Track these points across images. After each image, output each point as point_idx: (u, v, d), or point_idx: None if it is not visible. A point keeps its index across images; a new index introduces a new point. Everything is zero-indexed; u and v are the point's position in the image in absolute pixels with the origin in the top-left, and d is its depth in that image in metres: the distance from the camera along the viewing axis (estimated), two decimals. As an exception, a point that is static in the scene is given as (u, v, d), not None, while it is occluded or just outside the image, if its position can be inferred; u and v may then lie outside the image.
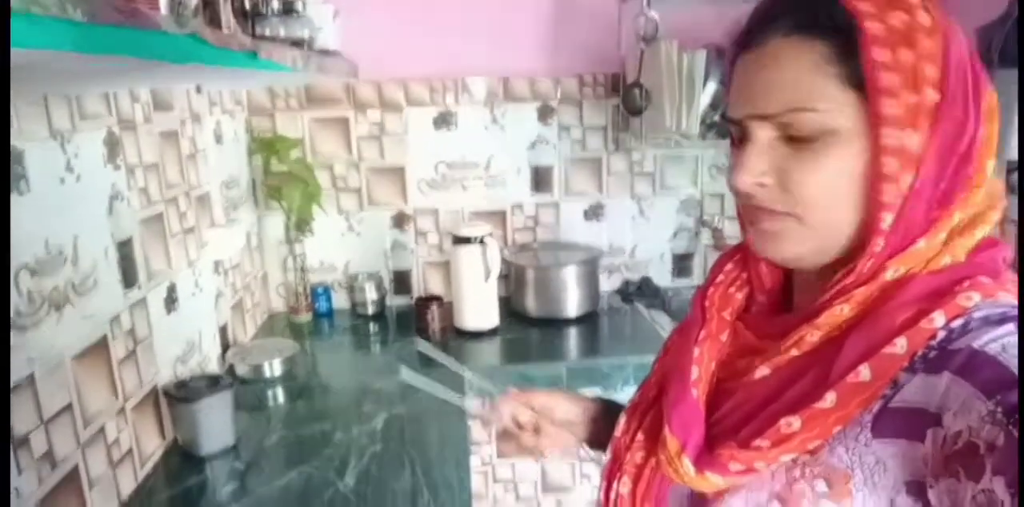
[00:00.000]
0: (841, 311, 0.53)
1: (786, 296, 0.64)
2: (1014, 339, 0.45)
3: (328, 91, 1.90)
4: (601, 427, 0.80)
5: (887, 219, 0.51)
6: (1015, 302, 0.49)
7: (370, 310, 2.00)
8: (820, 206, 0.52)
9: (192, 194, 1.49)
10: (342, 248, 2.03)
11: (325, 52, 1.58)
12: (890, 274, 0.52)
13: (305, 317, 1.97)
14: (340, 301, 2.06)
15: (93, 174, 1.10)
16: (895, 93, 0.49)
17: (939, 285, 0.50)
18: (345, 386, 1.62)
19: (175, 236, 1.39)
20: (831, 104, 0.50)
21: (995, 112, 0.52)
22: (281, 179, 1.82)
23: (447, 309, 1.88)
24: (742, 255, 0.65)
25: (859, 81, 0.50)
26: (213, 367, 1.57)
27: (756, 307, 0.64)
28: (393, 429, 1.39)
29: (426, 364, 0.98)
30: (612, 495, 0.64)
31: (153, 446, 1.28)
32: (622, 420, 0.67)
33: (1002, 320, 0.47)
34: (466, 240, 1.80)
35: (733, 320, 0.63)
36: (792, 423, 0.50)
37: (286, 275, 1.96)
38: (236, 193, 1.78)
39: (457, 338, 1.86)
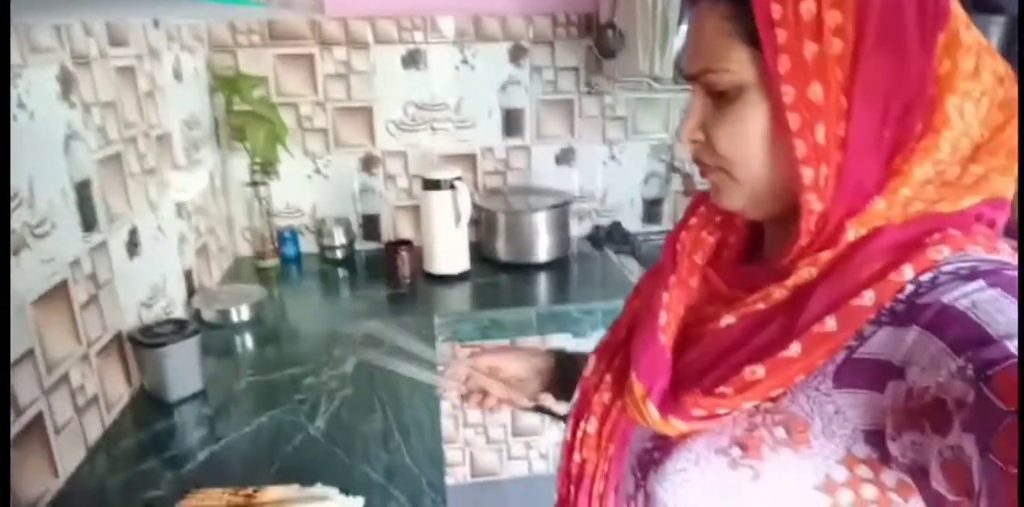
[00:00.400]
0: (809, 274, 0.53)
1: (757, 241, 0.64)
2: (984, 295, 0.45)
3: (292, 27, 1.82)
4: (552, 378, 0.87)
5: (808, 175, 0.50)
6: (985, 256, 0.49)
7: (339, 255, 1.98)
8: (738, 161, 0.54)
9: (152, 134, 1.43)
10: (309, 191, 1.99)
11: (288, -15, 1.51)
12: (851, 235, 0.51)
13: (272, 262, 1.94)
14: (308, 245, 2.03)
15: (47, 112, 1.04)
16: (790, 48, 0.49)
17: (908, 237, 0.50)
18: (314, 331, 1.61)
19: (135, 177, 1.34)
20: (736, 63, 0.52)
21: (956, 45, 0.50)
22: (244, 119, 1.76)
23: (417, 254, 1.86)
24: None
25: (756, 38, 0.50)
26: (179, 312, 1.55)
27: (727, 252, 0.64)
28: (363, 373, 1.39)
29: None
30: (579, 433, 0.65)
31: (119, 392, 1.27)
32: (592, 361, 0.68)
33: (972, 275, 0.47)
34: (436, 184, 1.78)
35: (704, 265, 0.63)
36: (756, 371, 0.51)
37: (252, 219, 1.92)
38: (198, 133, 1.72)
39: (427, 283, 1.85)
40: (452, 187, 1.77)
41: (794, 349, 0.50)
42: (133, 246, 1.33)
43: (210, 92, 1.81)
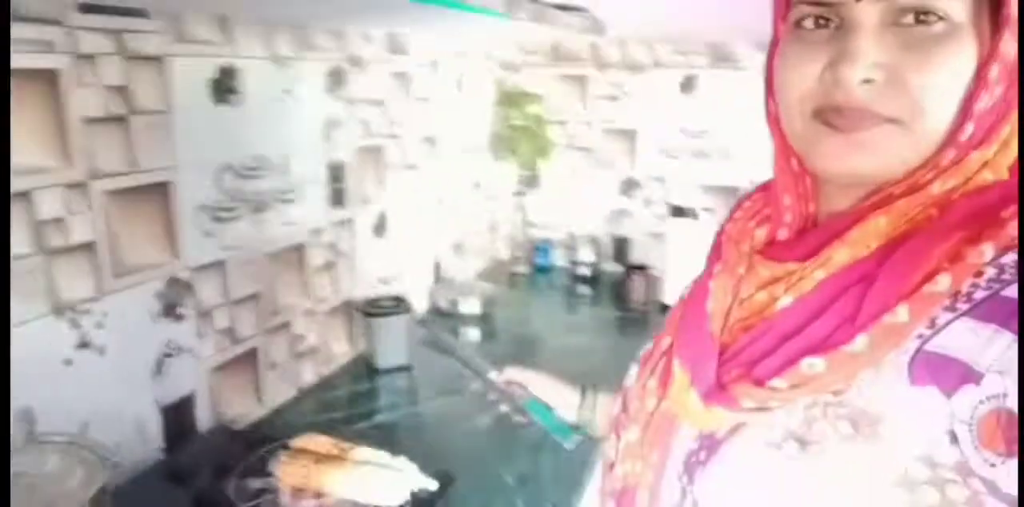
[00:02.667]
0: (876, 225, 0.47)
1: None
2: None
3: (573, 49, 1.92)
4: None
5: (968, 130, 0.45)
6: None
7: (585, 272, 2.01)
8: (934, 113, 0.45)
9: (419, 134, 1.62)
10: (567, 207, 2.06)
11: (563, 7, 1.60)
12: (937, 187, 0.47)
13: (523, 268, 2.05)
14: (560, 259, 2.09)
15: (312, 100, 1.25)
16: None
17: (980, 207, 0.45)
18: (529, 337, 1.66)
19: (393, 169, 1.53)
20: None
21: None
22: (516, 132, 1.89)
23: (654, 281, 1.81)
24: (763, 193, 0.60)
25: None
26: (419, 296, 1.71)
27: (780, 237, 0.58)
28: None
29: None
30: (620, 445, 0.60)
31: (341, 351, 1.45)
32: (633, 370, 0.64)
33: None
34: (682, 212, 1.72)
35: (751, 253, 0.56)
36: (815, 365, 0.46)
37: (513, 227, 2.04)
38: (471, 141, 1.90)
39: (659, 312, 1.79)
40: (697, 217, 1.70)
41: (860, 343, 0.44)
42: (380, 228, 1.51)
43: (493, 105, 1.98)
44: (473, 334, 1.67)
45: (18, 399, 0.80)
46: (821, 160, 0.49)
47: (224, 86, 1.05)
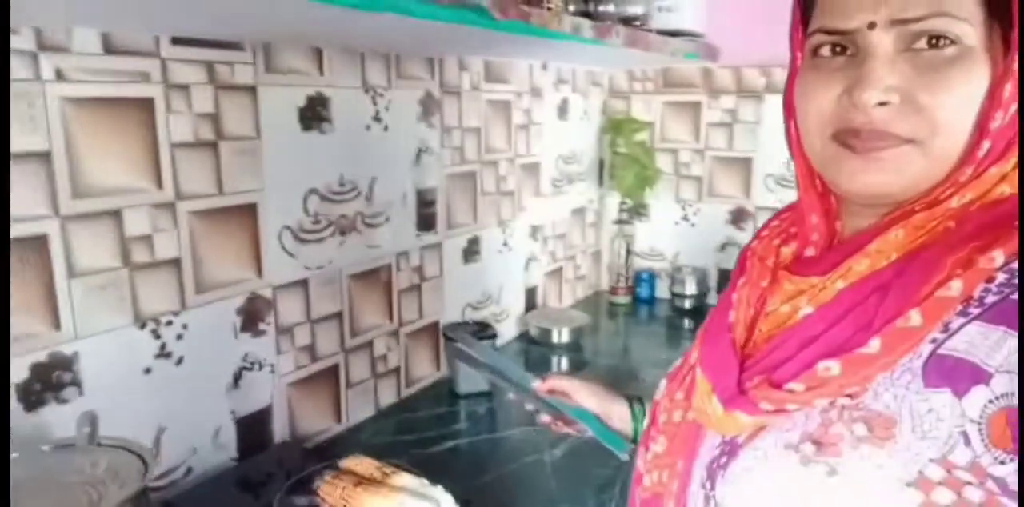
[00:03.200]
0: (896, 236, 0.50)
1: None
2: None
3: (685, 75, 1.87)
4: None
5: (985, 147, 0.48)
6: None
7: (687, 304, 1.93)
8: (949, 131, 0.48)
9: (517, 161, 1.62)
10: (674, 237, 1.99)
11: (675, 33, 1.56)
12: (955, 201, 0.49)
13: (624, 299, 2.00)
14: (663, 290, 2.03)
15: (402, 127, 1.28)
16: None
17: (996, 217, 0.47)
18: (624, 370, 1.60)
19: (488, 195, 1.54)
20: (969, 17, 0.47)
21: None
22: (620, 160, 1.86)
23: (759, 318, 1.71)
24: (791, 212, 0.62)
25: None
26: (510, 322, 1.71)
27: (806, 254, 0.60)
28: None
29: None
30: (648, 456, 0.62)
31: (424, 373, 1.46)
32: (663, 384, 0.66)
33: None
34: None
35: (775, 268, 0.58)
36: (831, 368, 0.48)
37: (614, 255, 2.00)
38: (575, 168, 1.88)
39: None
40: (808, 251, 1.59)
41: (873, 346, 0.46)
42: (471, 253, 1.52)
43: (599, 132, 1.96)
44: (563, 364, 1.64)
45: (95, 402, 0.86)
46: (842, 180, 0.51)
47: (312, 113, 1.10)
